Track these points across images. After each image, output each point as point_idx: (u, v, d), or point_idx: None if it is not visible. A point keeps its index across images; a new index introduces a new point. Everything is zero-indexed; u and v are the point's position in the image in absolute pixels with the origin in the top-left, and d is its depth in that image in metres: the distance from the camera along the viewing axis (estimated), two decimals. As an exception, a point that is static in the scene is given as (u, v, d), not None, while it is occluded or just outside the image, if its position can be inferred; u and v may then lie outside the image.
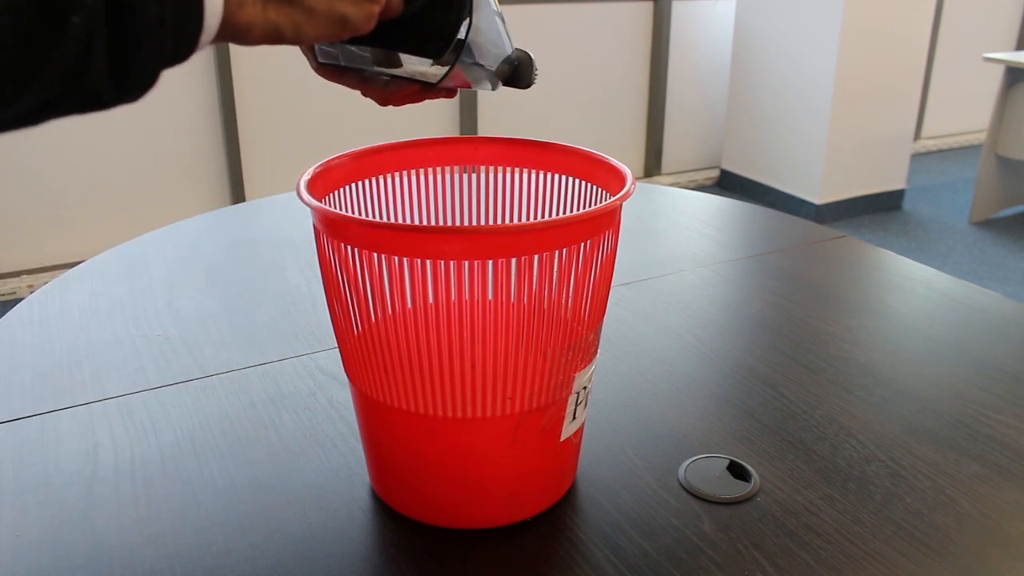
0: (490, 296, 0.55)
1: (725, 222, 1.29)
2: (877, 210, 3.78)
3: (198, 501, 0.65)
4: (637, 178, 3.77)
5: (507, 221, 0.72)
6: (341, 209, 0.65)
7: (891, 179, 3.78)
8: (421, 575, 0.58)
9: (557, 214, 0.70)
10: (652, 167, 4.08)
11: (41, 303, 0.98)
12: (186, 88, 3.00)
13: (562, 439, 0.63)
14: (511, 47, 0.59)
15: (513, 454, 0.60)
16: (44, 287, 1.02)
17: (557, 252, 0.54)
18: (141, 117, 2.94)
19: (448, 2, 0.50)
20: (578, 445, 0.67)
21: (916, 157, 4.58)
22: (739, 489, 0.67)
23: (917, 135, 4.82)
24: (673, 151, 4.12)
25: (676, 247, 1.18)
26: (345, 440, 0.73)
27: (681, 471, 0.69)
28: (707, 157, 4.23)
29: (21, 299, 2.00)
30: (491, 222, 0.72)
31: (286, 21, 0.43)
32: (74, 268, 1.08)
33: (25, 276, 2.87)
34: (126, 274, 1.06)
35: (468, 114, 3.53)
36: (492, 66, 0.58)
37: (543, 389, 0.59)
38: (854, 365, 0.86)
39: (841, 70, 3.42)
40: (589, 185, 0.67)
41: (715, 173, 4.16)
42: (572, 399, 0.61)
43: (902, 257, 1.15)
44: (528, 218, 0.71)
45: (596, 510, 0.65)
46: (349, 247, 0.55)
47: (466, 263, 0.53)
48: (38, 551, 0.60)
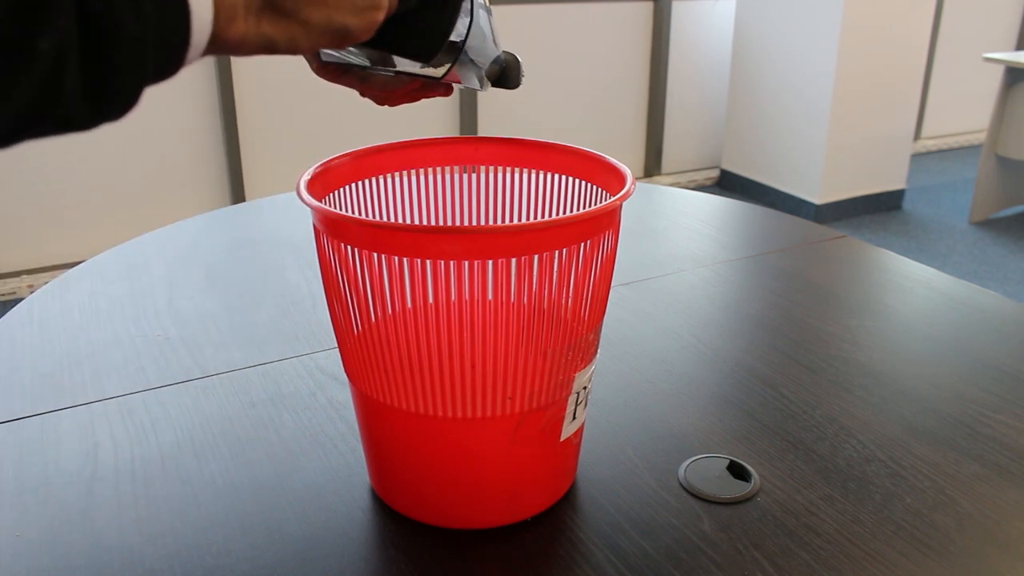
0: (490, 296, 0.55)
1: (725, 222, 1.29)
2: (877, 210, 3.78)
3: (198, 501, 0.65)
4: (637, 178, 3.77)
5: (507, 221, 0.72)
6: (341, 209, 0.65)
7: (891, 179, 3.78)
8: (421, 575, 0.58)
9: (557, 214, 0.70)
10: (652, 167, 4.08)
11: (41, 303, 0.98)
12: (186, 88, 3.00)
13: (562, 439, 0.63)
14: (499, 49, 0.59)
15: (513, 454, 0.60)
16: (44, 287, 1.02)
17: (557, 252, 0.54)
18: (141, 118, 2.94)
19: (441, 3, 0.49)
20: (578, 445, 0.67)
21: (916, 157, 4.58)
22: (739, 489, 0.67)
23: (917, 135, 4.82)
24: (673, 151, 4.12)
25: (676, 247, 1.18)
26: (345, 440, 0.73)
27: (681, 471, 0.69)
28: (707, 157, 4.23)
29: (21, 299, 2.00)
30: (491, 222, 0.72)
31: (281, 34, 0.41)
32: (74, 268, 1.08)
33: (25, 276, 2.87)
34: (126, 274, 1.06)
35: (468, 114, 3.53)
36: (484, 65, 0.58)
37: (543, 389, 0.59)
38: (854, 365, 0.86)
39: (841, 70, 3.42)
40: (589, 185, 0.67)
41: (715, 173, 4.16)
42: (572, 399, 0.61)
43: (902, 257, 1.15)
44: (528, 218, 0.71)
45: (596, 510, 0.65)
46: (349, 247, 0.55)
47: (466, 263, 0.53)
48: (38, 551, 0.60)
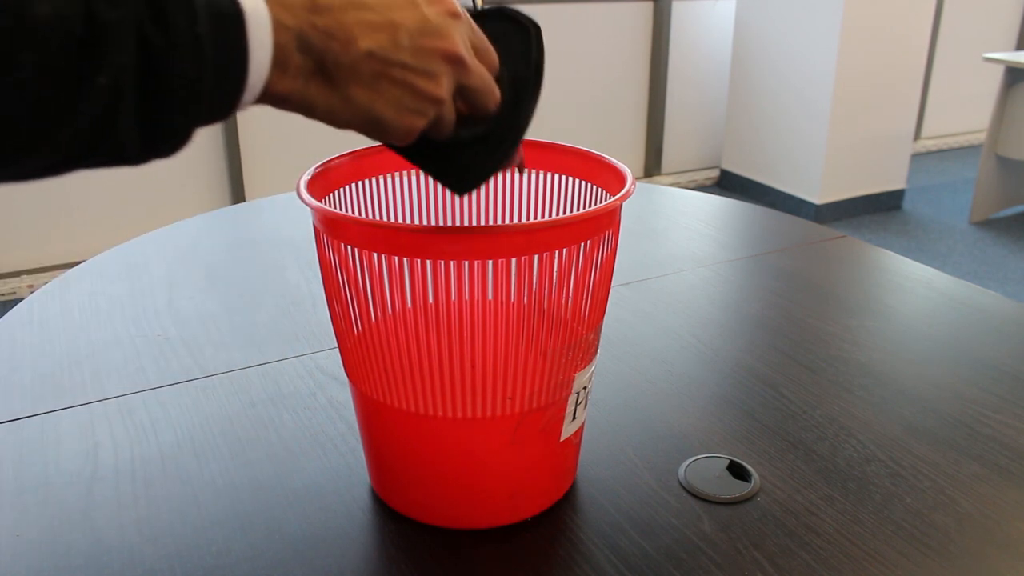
0: (490, 296, 0.55)
1: (725, 222, 1.29)
2: (877, 210, 3.78)
3: (198, 501, 0.65)
4: (637, 178, 3.77)
5: (507, 221, 0.72)
6: (341, 209, 0.65)
7: (891, 179, 3.78)
8: (421, 575, 0.58)
9: (557, 214, 0.70)
10: (652, 167, 4.08)
11: (41, 303, 0.98)
12: (186, 88, 3.00)
13: (562, 439, 0.63)
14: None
15: (513, 454, 0.60)
16: (44, 287, 1.02)
17: (557, 252, 0.54)
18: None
19: (495, 146, 0.48)
20: (578, 445, 0.67)
21: (916, 157, 4.58)
22: (739, 489, 0.67)
23: (917, 135, 4.82)
24: (673, 151, 4.12)
25: (676, 247, 1.18)
26: (345, 440, 0.73)
27: (681, 471, 0.69)
28: (707, 157, 4.23)
29: (21, 299, 2.00)
30: (491, 222, 0.72)
31: (323, 102, 0.42)
32: (74, 268, 1.08)
33: (25, 276, 2.87)
34: (126, 274, 1.06)
35: (468, 114, 3.52)
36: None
37: (543, 389, 0.59)
38: (854, 365, 0.86)
39: (841, 70, 3.42)
40: (589, 185, 0.67)
41: (715, 173, 4.16)
42: (572, 399, 0.61)
43: (902, 257, 1.15)
44: (528, 218, 0.71)
45: (596, 510, 0.65)
46: (349, 247, 0.55)
47: (466, 263, 0.53)
48: (38, 551, 0.60)
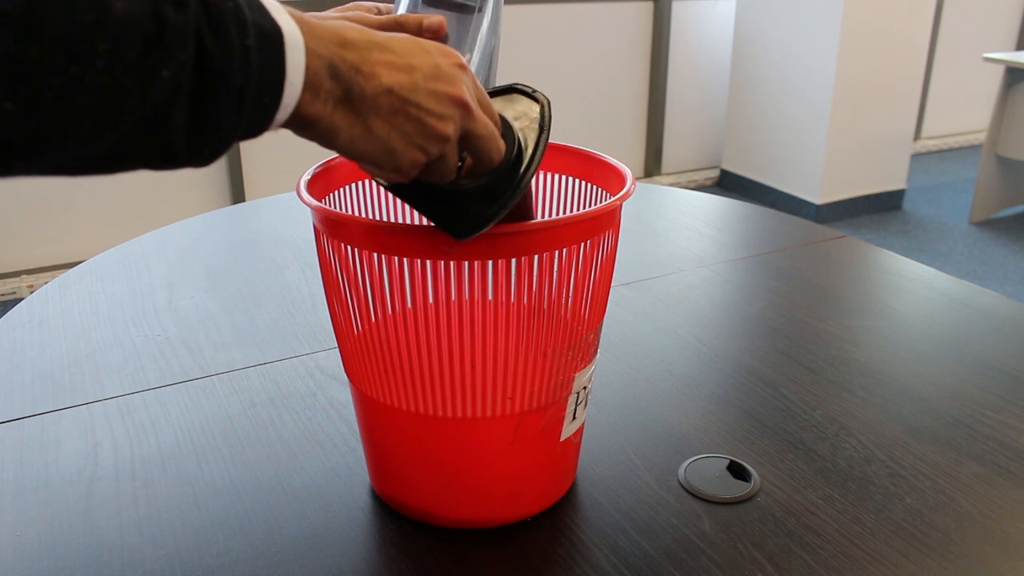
0: (490, 296, 0.55)
1: (725, 222, 1.29)
2: (877, 210, 3.77)
3: (198, 501, 0.65)
4: (637, 178, 3.77)
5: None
6: (341, 209, 0.65)
7: (891, 179, 3.78)
8: (421, 575, 0.58)
9: (557, 214, 0.70)
10: (652, 167, 4.08)
11: (41, 303, 0.98)
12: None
13: (562, 439, 0.63)
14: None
15: (513, 454, 0.60)
16: (44, 287, 1.02)
17: (557, 252, 0.54)
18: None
19: (494, 197, 0.50)
20: (578, 445, 0.67)
21: (916, 157, 4.58)
22: (739, 489, 0.67)
23: (917, 135, 4.82)
24: (673, 151, 4.11)
25: (676, 247, 1.18)
26: (345, 440, 0.73)
27: (681, 471, 0.69)
28: (707, 157, 4.23)
29: (21, 299, 2.00)
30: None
31: (346, 130, 0.44)
32: (74, 268, 1.08)
33: (25, 276, 2.86)
34: (126, 274, 1.06)
35: (468, 114, 3.52)
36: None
37: (543, 389, 0.59)
38: (854, 365, 0.86)
39: (841, 70, 3.42)
40: (589, 185, 0.67)
41: (715, 173, 4.16)
42: (572, 399, 0.61)
43: (902, 257, 1.15)
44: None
45: (596, 510, 0.65)
46: (349, 247, 0.55)
47: (466, 263, 0.53)
48: (38, 551, 0.60)
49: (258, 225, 1.25)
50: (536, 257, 0.54)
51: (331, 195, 0.63)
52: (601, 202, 0.65)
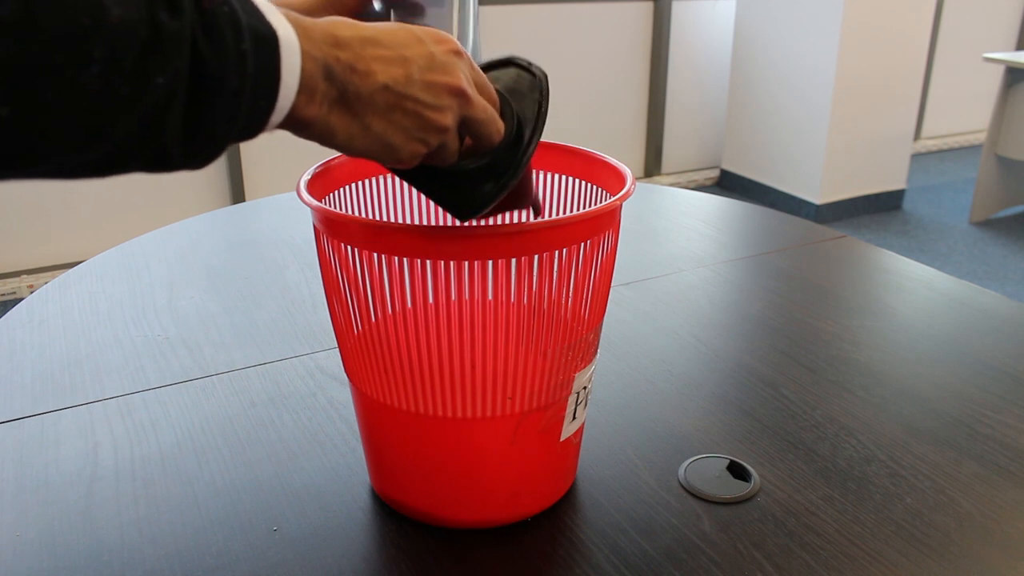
0: (490, 296, 0.55)
1: (725, 222, 1.29)
2: (877, 210, 3.77)
3: (198, 501, 0.65)
4: (637, 178, 3.77)
5: (507, 221, 0.72)
6: (341, 209, 0.65)
7: (891, 179, 3.78)
8: (421, 575, 0.58)
9: (557, 214, 0.70)
10: (652, 167, 4.08)
11: (41, 303, 0.98)
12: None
13: (562, 439, 0.63)
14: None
15: (513, 454, 0.60)
16: (44, 287, 1.02)
17: (557, 252, 0.54)
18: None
19: (496, 176, 0.51)
20: (578, 445, 0.67)
21: (916, 157, 4.58)
22: (739, 489, 0.67)
23: (917, 135, 4.82)
24: (673, 151, 4.11)
25: (676, 247, 1.18)
26: (345, 440, 0.73)
27: (681, 471, 0.69)
28: (707, 157, 4.23)
29: (21, 299, 2.00)
30: (491, 222, 0.71)
31: (343, 130, 0.44)
32: (74, 268, 1.08)
33: (25, 276, 2.86)
34: (126, 274, 1.06)
35: (468, 114, 3.52)
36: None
37: (543, 389, 0.59)
38: (854, 365, 0.86)
39: (841, 70, 3.42)
40: (589, 185, 0.67)
41: (715, 173, 4.16)
42: (572, 399, 0.61)
43: (902, 257, 1.15)
44: (528, 218, 0.71)
45: (596, 510, 0.65)
46: (349, 247, 0.55)
47: (466, 263, 0.53)
48: (38, 551, 0.60)
49: (258, 225, 1.25)
50: (536, 257, 0.54)
51: (331, 195, 0.63)
52: (601, 202, 0.65)
